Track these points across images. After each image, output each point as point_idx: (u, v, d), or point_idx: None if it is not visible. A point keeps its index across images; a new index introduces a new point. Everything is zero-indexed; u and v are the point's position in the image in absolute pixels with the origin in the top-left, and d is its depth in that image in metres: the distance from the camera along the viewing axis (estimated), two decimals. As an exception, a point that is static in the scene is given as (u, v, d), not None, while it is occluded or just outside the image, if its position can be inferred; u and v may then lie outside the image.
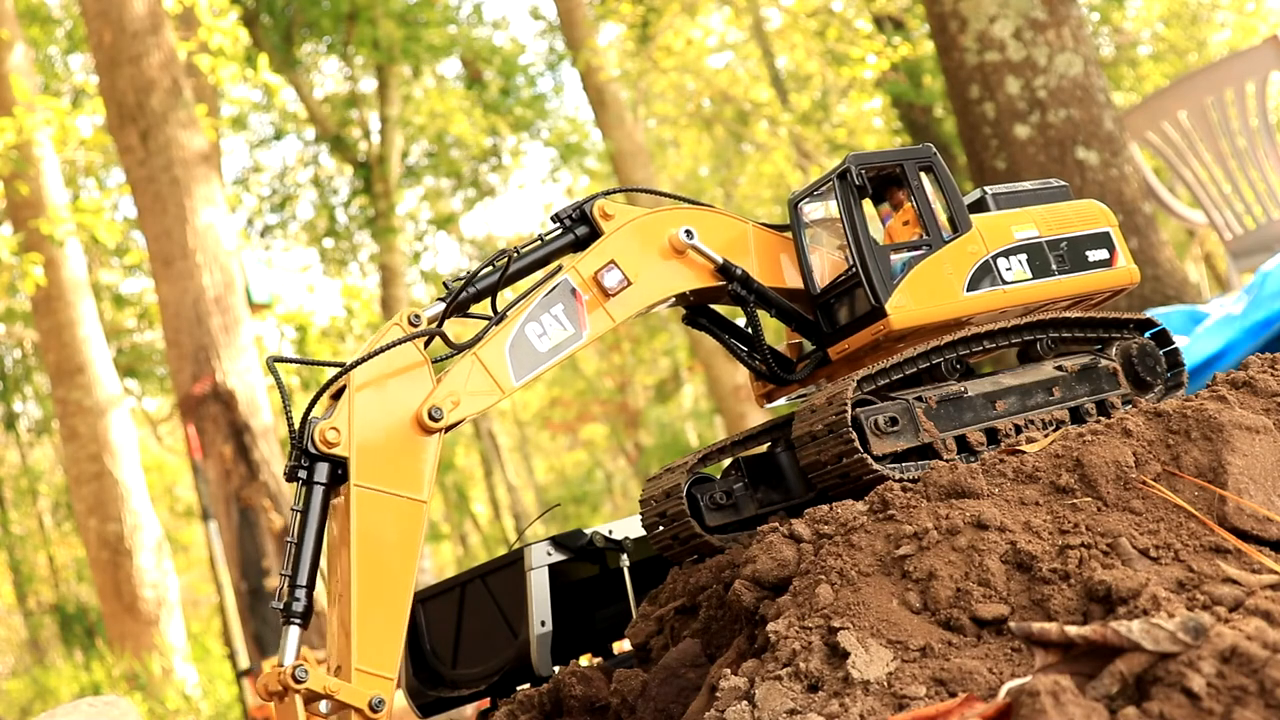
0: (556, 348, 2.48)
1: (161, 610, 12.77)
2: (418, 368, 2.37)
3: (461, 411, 2.36)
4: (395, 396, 2.33)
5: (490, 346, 2.44)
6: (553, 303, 2.50)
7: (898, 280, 2.56)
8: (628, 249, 2.59)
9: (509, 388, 2.43)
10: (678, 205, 2.74)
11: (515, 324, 2.47)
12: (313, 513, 2.23)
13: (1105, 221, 2.81)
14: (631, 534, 3.14)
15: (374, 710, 2.16)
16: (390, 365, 2.34)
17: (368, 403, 2.29)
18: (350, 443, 2.25)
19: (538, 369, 2.47)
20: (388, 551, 2.23)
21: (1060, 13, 7.23)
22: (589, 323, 2.52)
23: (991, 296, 2.62)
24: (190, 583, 24.00)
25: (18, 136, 11.98)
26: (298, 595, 2.19)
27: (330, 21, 19.44)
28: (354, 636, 2.17)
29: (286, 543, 2.24)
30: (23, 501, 23.09)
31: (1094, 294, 2.77)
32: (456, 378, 2.40)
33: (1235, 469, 1.97)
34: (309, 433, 2.24)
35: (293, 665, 2.08)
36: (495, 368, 2.42)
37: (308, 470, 2.25)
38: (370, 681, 2.17)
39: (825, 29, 18.74)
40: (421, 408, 2.32)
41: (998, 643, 1.79)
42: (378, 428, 2.28)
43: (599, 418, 29.74)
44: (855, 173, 2.62)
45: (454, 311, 2.54)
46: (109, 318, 19.90)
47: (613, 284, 2.53)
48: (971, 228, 2.65)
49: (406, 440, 2.31)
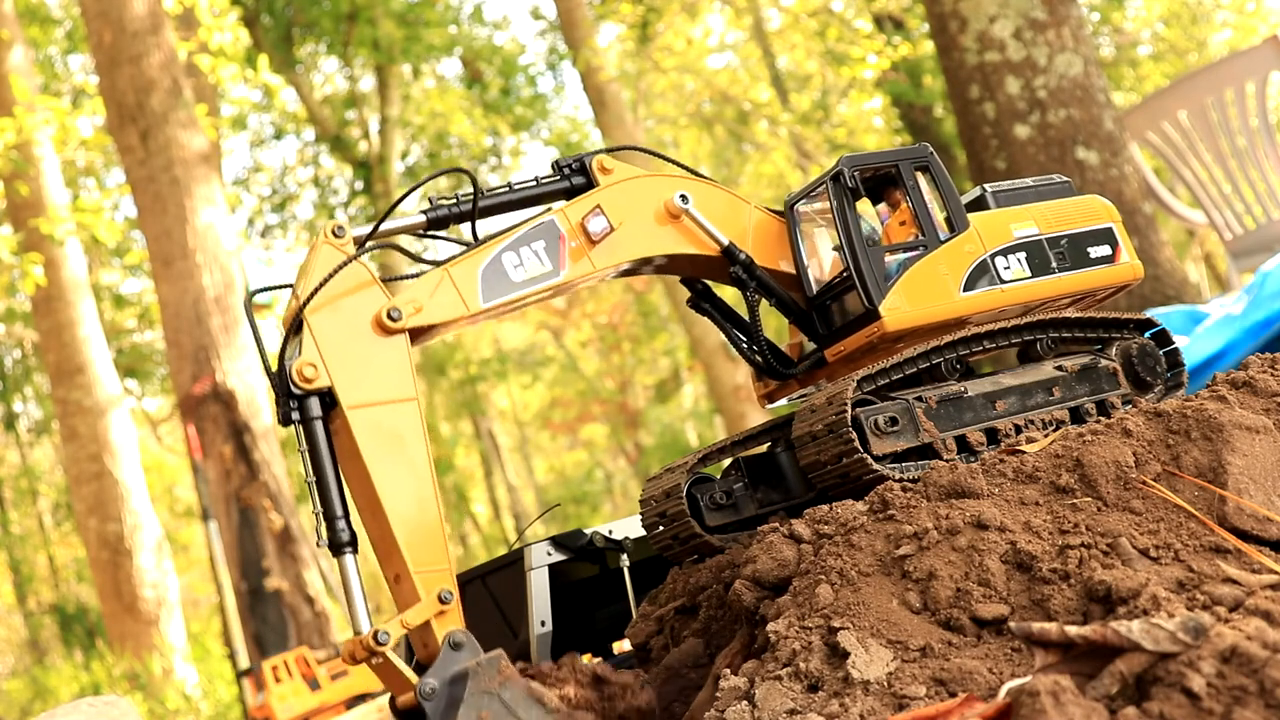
0: (531, 280, 2.51)
1: (161, 610, 12.77)
2: (362, 279, 2.40)
3: (422, 318, 2.40)
4: (352, 313, 2.37)
5: (463, 265, 2.48)
6: (534, 238, 2.54)
7: (892, 281, 2.55)
8: (620, 202, 2.61)
9: (475, 308, 2.46)
10: (680, 173, 2.76)
11: (493, 250, 2.51)
12: (320, 448, 2.29)
13: (1108, 217, 2.80)
14: (631, 534, 3.14)
15: (444, 603, 2.24)
16: (337, 286, 2.37)
17: (329, 329, 2.34)
18: (327, 372, 2.30)
19: (507, 297, 2.49)
20: (400, 456, 2.29)
21: (1060, 13, 7.23)
22: (568, 264, 2.54)
23: (989, 296, 2.61)
24: (190, 583, 24.00)
25: (18, 136, 11.98)
26: (339, 527, 2.27)
27: (330, 21, 19.44)
28: (401, 546, 2.23)
29: (307, 483, 2.30)
30: (23, 501, 23.09)
31: (1097, 291, 2.76)
32: (422, 286, 2.44)
33: (1235, 469, 1.97)
34: (288, 376, 2.30)
35: (370, 632, 2.17)
36: (465, 286, 2.47)
37: (300, 410, 2.30)
38: (430, 580, 2.24)
39: (825, 29, 18.75)
40: (380, 312, 2.36)
41: (998, 643, 1.79)
42: (346, 349, 2.34)
43: (599, 418, 29.73)
44: (849, 175, 2.62)
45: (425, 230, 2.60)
46: (109, 318, 19.90)
47: (597, 230, 2.56)
48: (969, 227, 2.64)
49: (376, 349, 2.36)
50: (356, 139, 21.38)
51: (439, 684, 2.19)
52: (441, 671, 2.20)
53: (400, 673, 2.22)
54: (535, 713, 2.17)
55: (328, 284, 2.35)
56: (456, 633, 2.23)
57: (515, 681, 2.18)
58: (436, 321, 2.44)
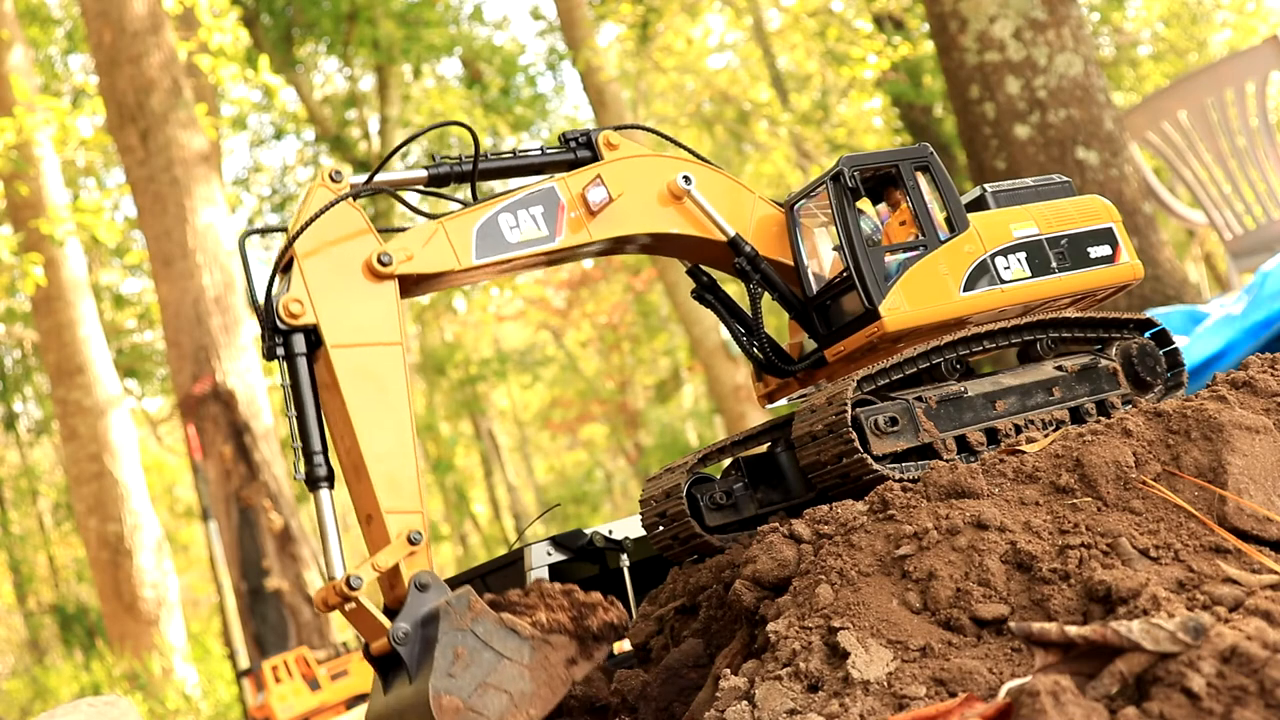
0: (525, 243, 2.54)
1: (161, 610, 12.77)
2: (356, 223, 2.43)
3: (412, 266, 2.43)
4: (343, 255, 2.40)
5: (459, 221, 2.51)
6: (533, 203, 2.56)
7: (892, 282, 2.55)
8: (622, 177, 2.64)
9: (466, 263, 2.49)
10: (686, 156, 2.78)
11: (490, 209, 2.54)
12: (302, 383, 2.33)
13: (1108, 217, 2.80)
14: (631, 534, 3.14)
15: (414, 544, 2.24)
16: (330, 229, 2.41)
17: (318, 268, 2.37)
18: (313, 309, 2.33)
19: (499, 256, 2.52)
20: (380, 398, 2.32)
21: (1060, 13, 7.23)
22: (565, 231, 2.57)
23: (989, 296, 2.61)
24: (190, 583, 24.00)
25: (18, 136, 11.98)
26: (317, 462, 2.30)
27: (330, 21, 19.43)
28: (374, 486, 2.25)
29: (288, 418, 2.34)
30: (23, 501, 23.09)
31: (1097, 291, 2.77)
32: (415, 236, 2.47)
33: (1235, 469, 1.97)
34: (274, 310, 2.33)
35: (343, 578, 2.17)
36: (458, 241, 2.50)
37: (284, 346, 2.34)
38: (401, 521, 2.25)
39: (825, 29, 18.74)
40: (370, 256, 2.39)
41: (998, 643, 1.79)
42: (334, 289, 2.36)
43: (599, 418, 29.73)
44: (849, 175, 2.62)
45: (426, 186, 2.64)
46: (109, 318, 19.90)
47: (597, 200, 2.58)
48: (969, 227, 2.64)
49: (362, 289, 2.39)
50: (356, 139, 21.38)
51: (411, 627, 2.18)
52: (412, 614, 2.19)
53: (373, 618, 2.22)
54: (511, 642, 2.17)
55: (322, 227, 2.38)
56: (422, 574, 2.22)
57: (487, 615, 2.18)
58: (426, 271, 2.46)
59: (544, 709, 2.16)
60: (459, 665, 2.12)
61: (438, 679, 2.09)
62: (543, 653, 2.20)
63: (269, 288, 2.38)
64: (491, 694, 2.13)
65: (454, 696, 2.10)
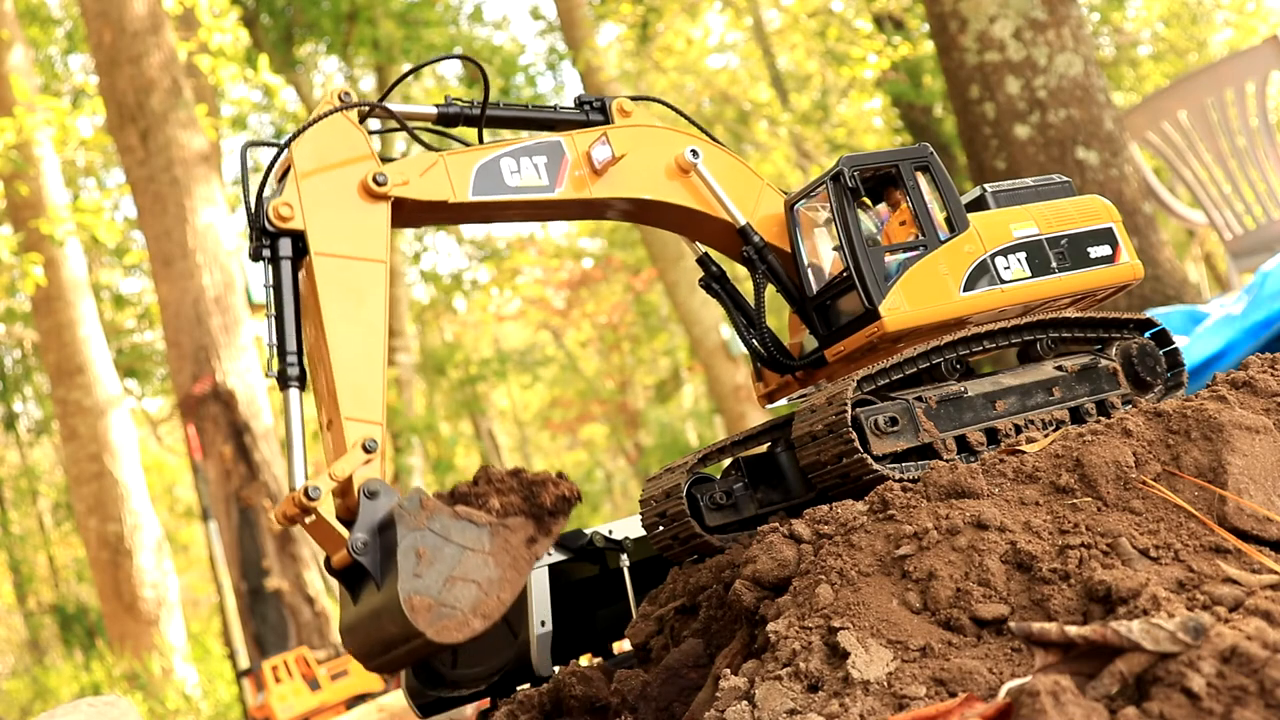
0: (523, 189, 2.57)
1: (161, 610, 12.77)
2: (356, 142, 2.46)
3: (407, 191, 2.46)
4: (340, 171, 2.43)
5: (461, 157, 2.55)
6: (537, 151, 2.60)
7: (892, 282, 2.55)
8: (631, 141, 2.66)
9: (461, 197, 2.52)
10: (699, 134, 2.79)
11: (493, 152, 2.58)
12: (285, 286, 2.36)
13: (1108, 217, 2.81)
14: (631, 534, 3.14)
15: (368, 450, 2.25)
16: (331, 142, 2.44)
17: (315, 180, 2.40)
18: (302, 216, 2.36)
19: (495, 197, 2.55)
20: (356, 311, 2.34)
21: (1060, 13, 7.23)
22: (565, 184, 2.60)
23: (989, 296, 2.61)
24: (190, 583, 23.99)
25: (18, 136, 11.98)
26: (289, 361, 2.34)
27: (330, 21, 19.43)
28: (337, 391, 2.28)
29: (267, 318, 2.36)
30: (23, 501, 23.08)
31: (1097, 290, 2.77)
32: (414, 163, 2.50)
33: (1235, 469, 1.97)
34: (264, 212, 2.35)
35: (302, 488, 2.19)
36: (457, 176, 2.53)
37: (271, 248, 2.36)
38: (358, 429, 2.27)
39: (825, 29, 18.74)
40: (366, 175, 2.42)
41: (998, 643, 1.79)
42: (327, 198, 2.39)
43: (599, 418, 29.72)
44: (849, 175, 2.62)
45: (435, 123, 2.66)
46: (109, 318, 19.89)
47: (601, 158, 2.61)
48: (969, 227, 2.64)
49: (354, 206, 2.41)
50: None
51: (368, 535, 2.19)
52: (367, 522, 2.19)
53: (333, 530, 2.23)
54: (470, 533, 2.17)
55: (324, 145, 2.42)
56: (370, 482, 2.23)
57: (441, 510, 2.18)
58: (420, 198, 2.49)
59: (513, 591, 2.18)
60: (423, 565, 2.12)
61: (405, 582, 2.09)
62: (502, 537, 2.20)
63: (260, 188, 2.40)
64: (460, 586, 2.13)
65: (424, 596, 2.10)
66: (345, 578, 2.28)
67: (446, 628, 2.10)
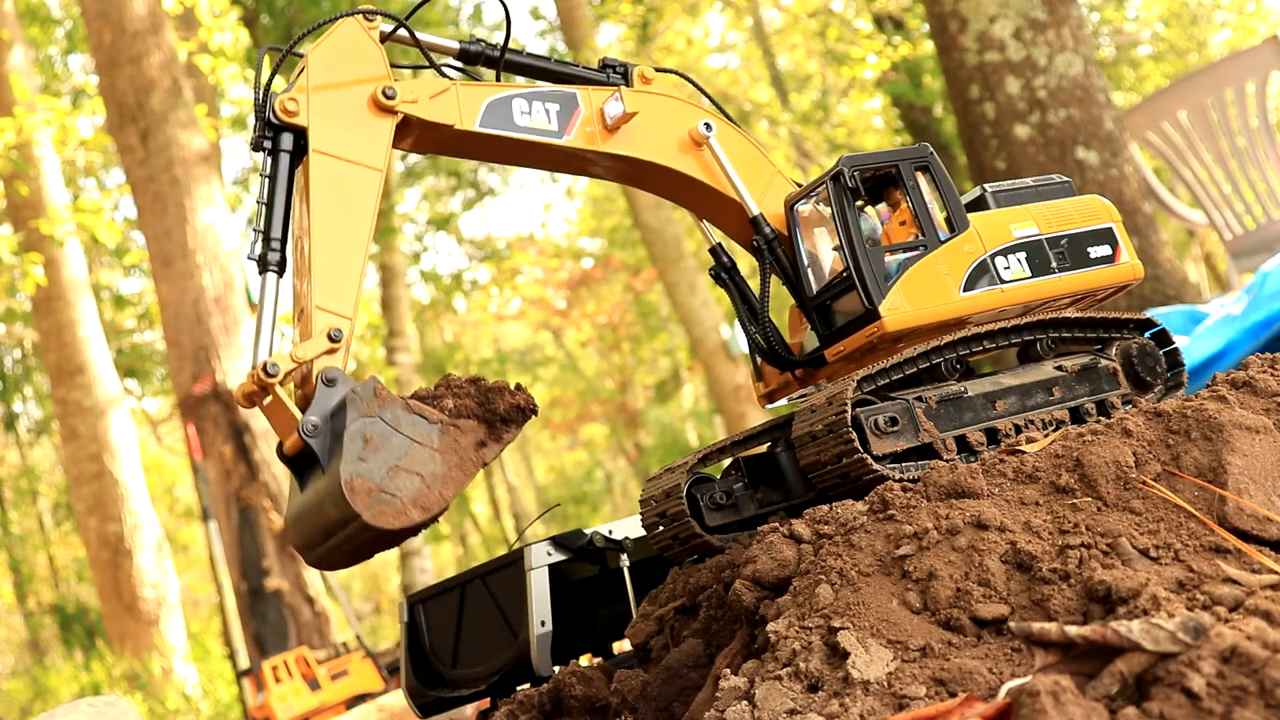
0: (529, 129, 2.60)
1: (161, 610, 12.77)
2: (373, 58, 2.50)
3: (415, 109, 2.50)
4: (350, 74, 2.48)
5: (474, 89, 2.59)
6: (551, 98, 2.64)
7: (892, 282, 2.55)
8: (646, 105, 2.69)
9: (468, 125, 2.55)
10: (717, 113, 2.81)
11: (507, 90, 2.62)
12: (280, 177, 2.42)
13: (1108, 217, 2.81)
14: (631, 534, 3.14)
15: (333, 340, 2.30)
16: (347, 55, 2.49)
17: (325, 83, 2.45)
18: (308, 112, 2.41)
19: (501, 132, 2.58)
20: (345, 211, 2.40)
21: (1060, 13, 7.23)
22: (575, 132, 2.63)
23: (989, 296, 2.61)
24: (190, 583, 23.99)
25: (18, 136, 11.98)
26: (273, 246, 2.41)
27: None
28: (312, 280, 2.33)
29: (259, 204, 2.42)
30: (23, 501, 23.08)
31: (1097, 290, 2.77)
32: (427, 85, 2.54)
33: (1235, 469, 1.97)
34: (270, 104, 2.42)
35: (262, 363, 2.24)
36: (466, 106, 2.56)
37: (272, 140, 2.43)
38: (327, 319, 2.32)
39: (825, 29, 18.74)
40: (377, 88, 2.47)
41: (998, 643, 1.79)
42: (334, 101, 2.44)
43: (599, 418, 29.72)
44: (849, 175, 2.62)
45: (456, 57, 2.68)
46: (109, 318, 19.89)
47: (613, 113, 2.63)
48: (969, 227, 2.64)
49: (360, 115, 2.46)
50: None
51: (320, 419, 2.22)
52: (320, 407, 2.23)
53: (290, 414, 2.27)
54: (420, 427, 2.20)
55: (339, 54, 2.46)
56: (328, 369, 2.26)
57: (394, 401, 2.21)
58: (427, 118, 2.51)
59: (456, 489, 2.21)
60: (369, 450, 2.15)
61: (348, 464, 2.12)
62: (452, 436, 2.23)
63: (269, 80, 2.46)
64: (403, 476, 2.16)
65: (366, 480, 2.13)
66: (295, 465, 2.32)
67: (384, 513, 2.12)
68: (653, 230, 13.93)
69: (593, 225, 27.93)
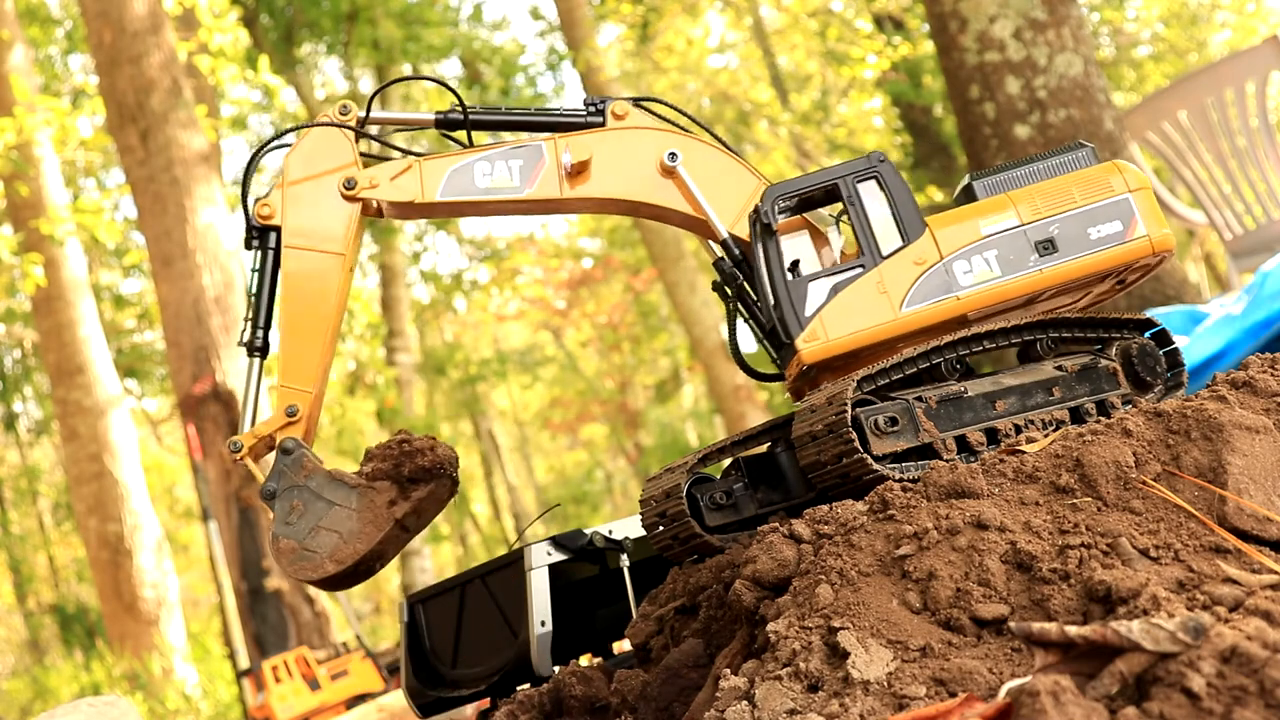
0: (490, 190, 2.73)
1: (161, 610, 12.77)
2: (342, 151, 2.76)
3: (375, 193, 2.73)
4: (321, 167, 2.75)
5: (437, 161, 2.75)
6: (516, 155, 2.74)
7: (817, 310, 2.50)
8: (603, 147, 2.74)
9: (429, 198, 2.73)
10: (697, 131, 2.80)
11: (470, 156, 2.74)
12: (266, 270, 2.74)
13: (1123, 187, 2.57)
14: (631, 534, 3.14)
15: (290, 416, 2.64)
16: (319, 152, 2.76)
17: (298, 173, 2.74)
18: (281, 210, 2.73)
19: (464, 198, 2.74)
20: (310, 293, 2.69)
21: (1060, 13, 7.23)
22: (537, 184, 2.72)
23: (938, 308, 2.51)
24: (190, 583, 23.99)
25: (18, 136, 11.97)
26: (258, 334, 2.74)
27: (330, 21, 19.43)
28: (280, 360, 2.66)
29: (248, 295, 2.75)
30: (23, 501, 23.07)
31: (1098, 275, 2.60)
32: (389, 168, 2.76)
33: (1235, 469, 1.97)
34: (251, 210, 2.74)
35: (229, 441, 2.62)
36: (429, 180, 2.74)
37: (259, 239, 2.75)
38: (289, 395, 2.67)
39: (825, 29, 18.74)
40: (339, 179, 2.73)
41: (998, 643, 1.79)
42: (302, 195, 2.73)
43: (599, 418, 29.71)
44: (765, 211, 2.55)
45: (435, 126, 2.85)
46: (109, 318, 19.88)
47: (565, 161, 2.72)
48: (922, 234, 2.54)
49: (326, 202, 2.73)
50: (356, 139, 21.30)
51: (275, 487, 2.60)
52: (276, 473, 2.60)
53: (259, 480, 2.64)
54: (340, 491, 2.57)
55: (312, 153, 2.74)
56: (285, 440, 2.62)
57: (318, 471, 2.58)
58: (387, 199, 2.74)
59: (369, 543, 2.56)
60: (295, 515, 2.56)
61: (277, 527, 2.57)
62: (368, 497, 2.57)
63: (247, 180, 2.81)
64: (323, 535, 2.55)
65: (290, 540, 2.55)
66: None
67: (303, 568, 2.55)
68: (652, 230, 13.93)
69: (592, 225, 27.91)
